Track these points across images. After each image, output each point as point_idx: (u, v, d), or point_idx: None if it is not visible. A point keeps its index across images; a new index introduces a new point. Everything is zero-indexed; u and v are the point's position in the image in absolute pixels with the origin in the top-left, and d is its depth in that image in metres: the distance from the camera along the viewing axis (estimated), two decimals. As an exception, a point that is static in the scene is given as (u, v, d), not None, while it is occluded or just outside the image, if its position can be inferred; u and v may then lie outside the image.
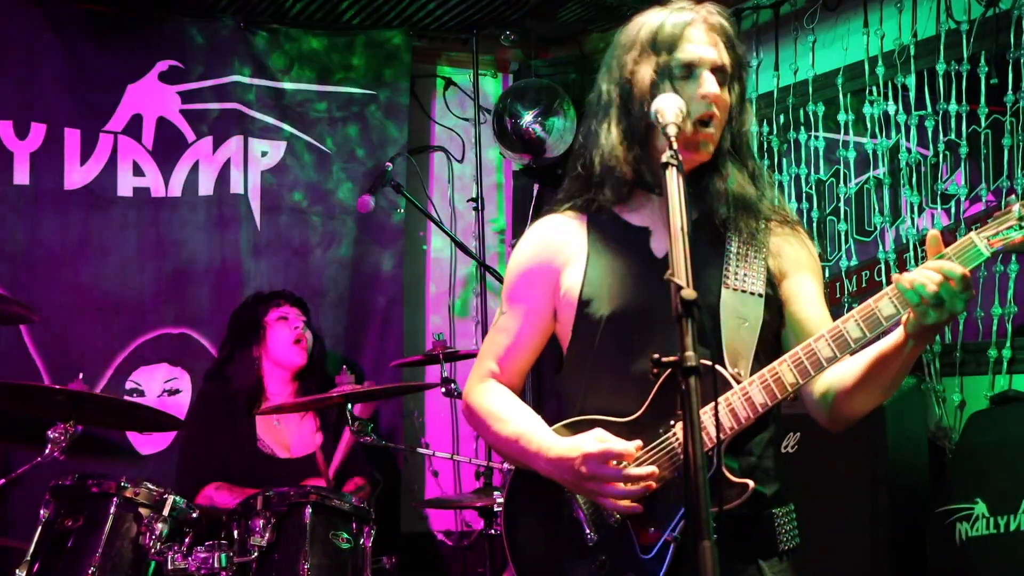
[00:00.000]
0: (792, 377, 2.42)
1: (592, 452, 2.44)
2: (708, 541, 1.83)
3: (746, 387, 2.45)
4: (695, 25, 2.62)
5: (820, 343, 2.40)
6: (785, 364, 2.43)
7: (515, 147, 6.14)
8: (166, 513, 3.77)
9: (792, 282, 2.66)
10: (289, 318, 5.02)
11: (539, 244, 2.77)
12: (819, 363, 2.40)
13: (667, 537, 2.43)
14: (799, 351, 2.43)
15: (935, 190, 4.51)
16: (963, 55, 4.39)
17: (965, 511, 3.79)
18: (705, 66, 2.57)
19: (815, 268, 2.72)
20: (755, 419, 2.45)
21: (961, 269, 2.27)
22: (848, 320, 2.39)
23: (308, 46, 5.92)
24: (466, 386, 2.80)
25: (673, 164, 2.28)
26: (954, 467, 3.96)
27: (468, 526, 6.17)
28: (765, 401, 2.43)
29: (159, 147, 5.64)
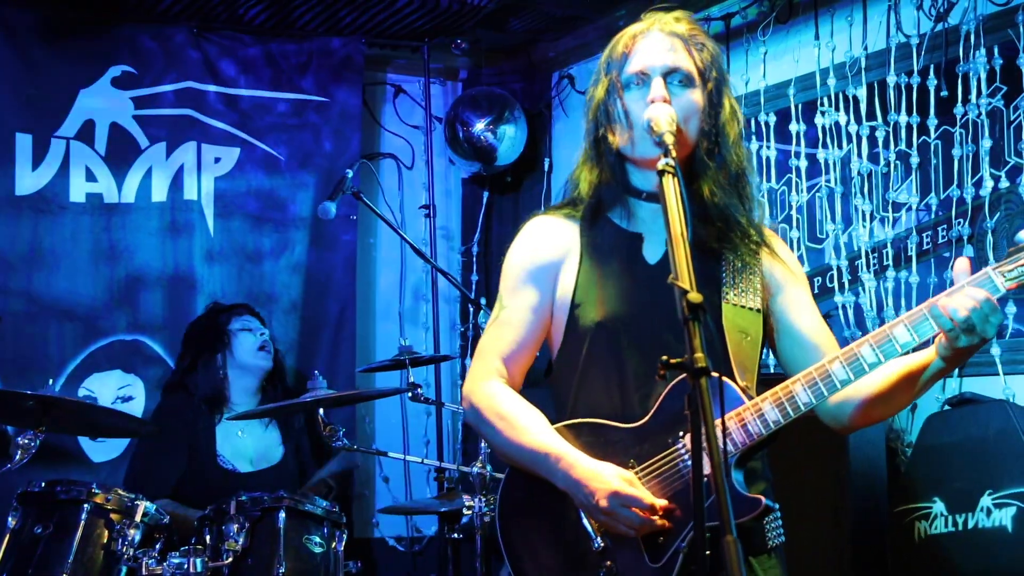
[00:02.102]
0: (807, 397, 2.45)
1: (621, 493, 2.44)
2: (732, 536, 1.88)
3: (759, 403, 2.47)
4: (646, 34, 2.66)
5: (835, 365, 2.44)
6: (799, 384, 2.46)
7: (466, 154, 6.20)
8: (138, 519, 3.77)
9: (787, 294, 2.71)
10: (253, 327, 5.02)
11: (541, 240, 2.78)
12: (834, 385, 2.44)
13: (676, 547, 2.45)
14: (813, 372, 2.46)
15: (886, 199, 4.63)
16: (913, 68, 4.51)
17: (924, 510, 3.90)
18: (656, 72, 2.60)
19: (803, 277, 2.78)
20: (766, 436, 2.48)
21: (989, 295, 2.32)
22: (863, 344, 2.42)
23: (261, 53, 5.92)
24: (467, 385, 2.74)
25: (670, 171, 2.35)
26: (912, 467, 4.08)
27: (419, 532, 6.20)
28: (778, 419, 2.46)
29: (112, 153, 5.59)
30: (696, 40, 2.67)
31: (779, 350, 2.73)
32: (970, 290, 2.34)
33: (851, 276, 4.70)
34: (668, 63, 2.62)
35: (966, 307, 2.32)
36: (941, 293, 2.38)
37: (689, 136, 2.61)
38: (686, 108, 2.60)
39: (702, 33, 2.70)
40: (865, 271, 4.64)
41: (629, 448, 2.54)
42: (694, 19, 2.74)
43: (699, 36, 2.69)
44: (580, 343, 2.67)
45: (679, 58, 2.63)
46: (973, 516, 3.77)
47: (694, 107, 2.62)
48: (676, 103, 2.58)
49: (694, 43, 2.66)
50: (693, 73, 2.63)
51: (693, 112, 2.62)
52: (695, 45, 2.66)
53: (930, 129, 4.49)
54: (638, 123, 2.60)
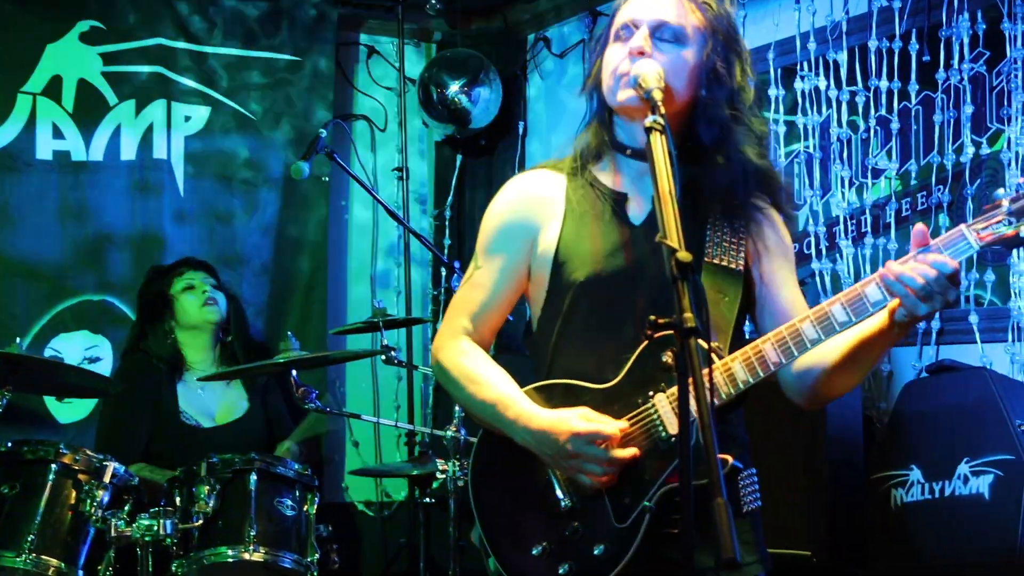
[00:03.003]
0: (776, 356, 2.42)
1: (580, 432, 2.43)
2: (722, 499, 1.85)
3: (728, 363, 2.45)
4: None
5: (805, 324, 2.40)
6: (768, 343, 2.43)
7: (440, 117, 6.13)
8: (107, 480, 3.72)
9: (769, 262, 2.66)
10: (195, 284, 4.95)
11: (519, 199, 2.73)
12: (803, 344, 2.40)
13: (642, 507, 2.43)
14: (783, 331, 2.42)
15: (865, 165, 4.60)
16: (895, 32, 4.47)
17: (900, 477, 3.89)
18: (642, 24, 2.53)
19: (790, 251, 2.72)
20: (735, 396, 2.46)
21: (951, 262, 2.28)
22: (835, 303, 2.38)
23: (233, 11, 5.82)
24: (435, 342, 2.74)
25: (657, 129, 2.30)
26: (889, 434, 4.06)
27: (388, 496, 6.16)
28: (747, 379, 2.43)
29: (80, 110, 5.50)
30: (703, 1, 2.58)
31: (757, 317, 2.70)
32: (929, 256, 2.29)
33: (828, 243, 4.67)
34: (658, 17, 2.54)
35: (922, 275, 2.28)
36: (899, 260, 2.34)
37: (675, 95, 2.52)
38: (672, 65, 2.51)
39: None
40: (843, 238, 4.61)
41: (600, 409, 2.50)
42: None
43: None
44: (561, 303, 2.63)
45: (673, 13, 2.54)
46: (950, 484, 3.75)
47: (683, 65, 2.53)
48: (661, 58, 2.51)
49: (700, 1, 2.57)
50: (687, 30, 2.54)
51: (680, 71, 2.53)
52: (701, 4, 2.57)
53: (911, 95, 4.46)
54: (616, 72, 2.54)
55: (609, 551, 2.45)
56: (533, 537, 2.56)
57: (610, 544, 2.46)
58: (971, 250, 2.30)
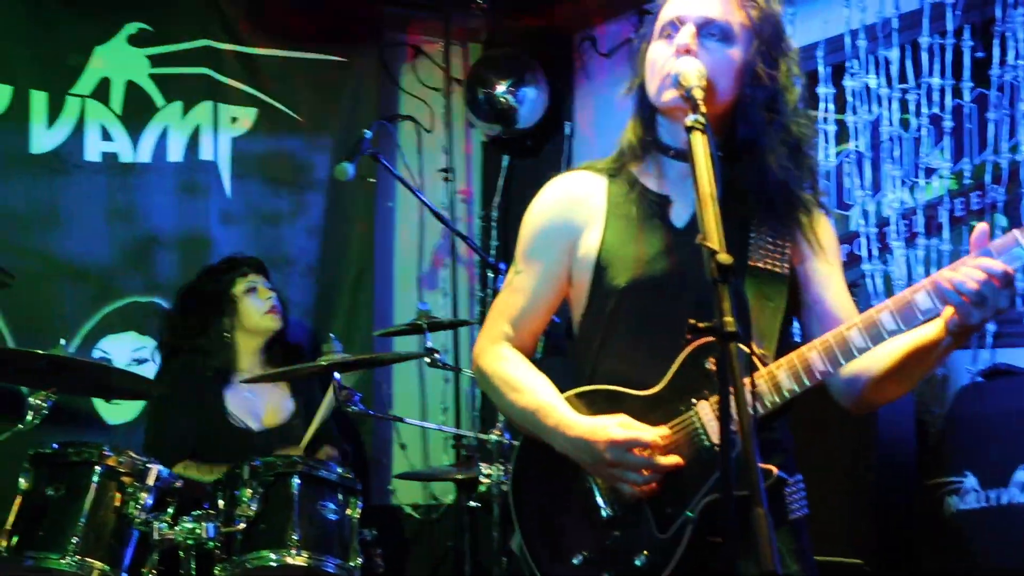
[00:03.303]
0: (822, 365, 2.36)
1: (618, 439, 2.39)
2: (762, 509, 1.80)
3: (773, 371, 2.40)
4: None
5: (852, 332, 2.35)
6: (815, 351, 2.37)
7: (486, 117, 6.09)
8: (150, 482, 3.70)
9: (815, 264, 2.60)
10: (258, 288, 4.93)
11: (560, 201, 2.69)
12: (850, 352, 2.35)
13: (685, 517, 2.39)
14: (830, 338, 2.37)
15: (917, 164, 4.51)
16: (947, 28, 4.39)
17: (955, 484, 3.81)
18: (689, 21, 2.48)
19: (837, 252, 2.67)
20: (780, 404, 2.40)
21: (1003, 266, 2.22)
22: (883, 311, 2.33)
23: (280, 12, 5.81)
24: (476, 347, 2.72)
25: (698, 128, 2.25)
26: (944, 440, 3.98)
27: (436, 499, 6.13)
28: (793, 387, 2.38)
29: (128, 111, 5.51)
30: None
31: (802, 320, 2.64)
32: (980, 261, 2.24)
33: (880, 244, 4.59)
34: (705, 14, 2.49)
35: (974, 279, 2.23)
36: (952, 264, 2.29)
37: (718, 93, 2.47)
38: (718, 64, 2.47)
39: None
40: (895, 239, 4.53)
41: (641, 416, 2.46)
42: None
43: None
44: (603, 307, 2.59)
45: (720, 10, 2.49)
46: (1007, 492, 3.67)
47: (728, 64, 2.48)
48: (707, 57, 2.45)
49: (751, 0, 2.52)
50: (733, 28, 2.49)
51: (726, 70, 2.48)
52: (746, 1, 2.51)
53: (964, 92, 4.38)
54: (662, 71, 2.49)
55: (651, 561, 2.41)
56: (574, 546, 2.52)
57: (652, 554, 2.41)
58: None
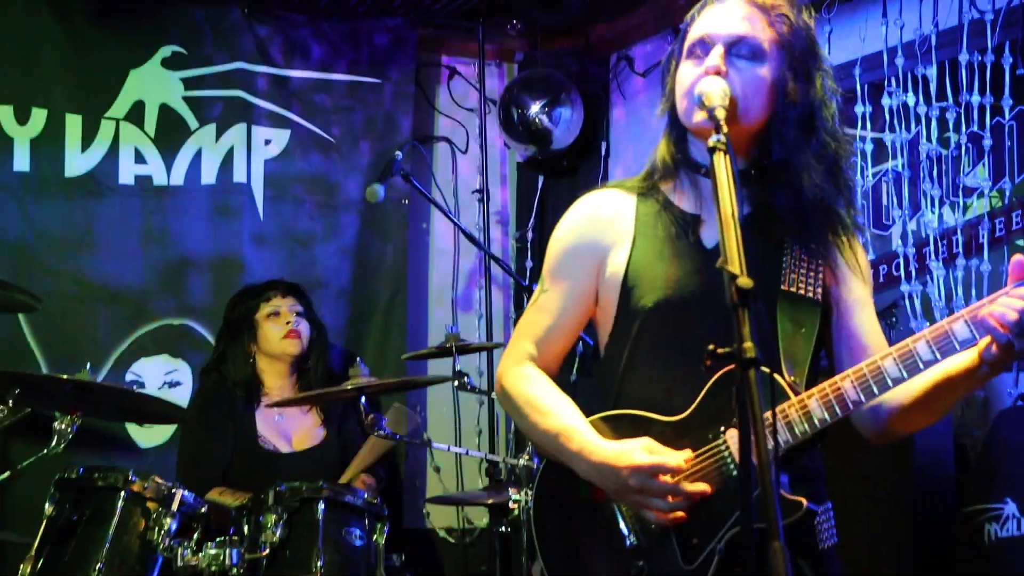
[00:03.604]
0: (855, 395, 2.30)
1: (642, 465, 2.33)
2: (779, 543, 1.74)
3: (805, 400, 2.33)
4: (718, 3, 2.49)
5: (887, 362, 2.28)
6: (848, 380, 2.31)
7: (521, 138, 6.05)
8: (175, 508, 3.68)
9: (848, 289, 2.54)
10: (281, 312, 4.90)
11: (586, 219, 2.64)
12: (885, 383, 2.28)
13: (712, 548, 2.33)
14: (864, 368, 2.30)
15: (956, 183, 4.43)
16: (987, 45, 4.31)
17: (994, 511, 3.71)
18: (719, 40, 2.43)
19: (869, 278, 2.61)
20: (811, 435, 2.33)
21: None
22: (919, 340, 2.26)
23: (312, 33, 5.82)
24: (500, 367, 2.66)
25: (721, 149, 2.19)
26: (983, 465, 3.88)
27: (471, 523, 6.07)
28: (825, 417, 2.31)
29: (161, 134, 5.52)
30: (778, 12, 2.46)
31: (831, 346, 2.57)
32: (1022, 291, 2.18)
33: (918, 264, 4.50)
34: (735, 32, 2.43)
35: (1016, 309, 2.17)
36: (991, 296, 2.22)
37: (750, 113, 2.42)
38: (748, 83, 2.41)
39: (787, 3, 2.49)
40: (933, 259, 4.44)
41: (669, 443, 2.40)
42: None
43: (782, 7, 2.48)
44: (629, 328, 2.53)
45: (749, 27, 2.43)
46: (1048, 519, 3.58)
47: (759, 83, 2.42)
48: (737, 76, 2.41)
49: (775, 14, 2.46)
50: (763, 46, 2.43)
51: (757, 89, 2.42)
52: (776, 16, 2.46)
53: (1004, 110, 4.29)
54: (690, 92, 2.43)
55: (676, 593, 2.35)
56: (596, 574, 2.47)
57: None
58: None
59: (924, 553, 3.82)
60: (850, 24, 4.88)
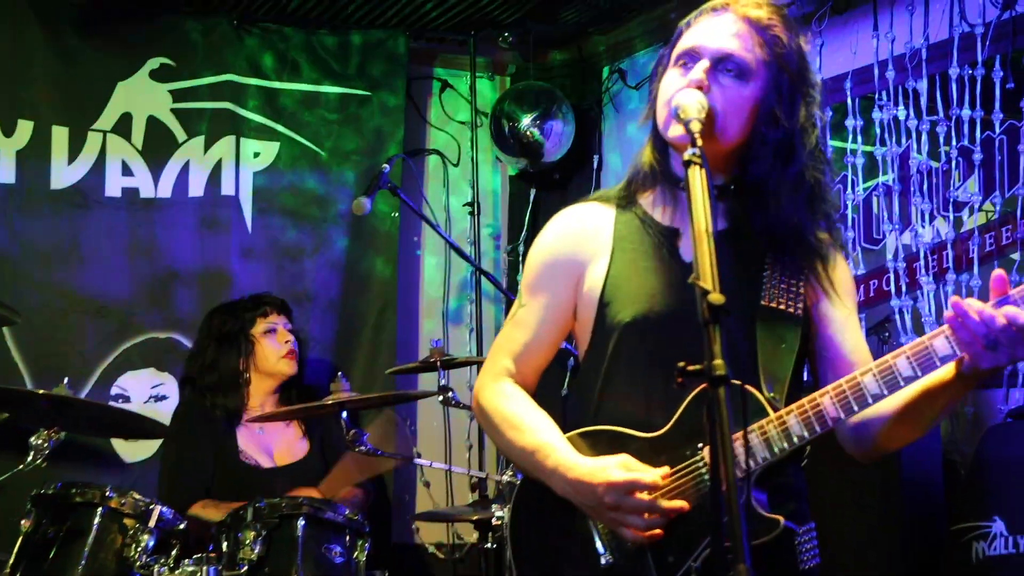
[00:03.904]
0: (835, 412, 2.25)
1: (617, 482, 2.28)
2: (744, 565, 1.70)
3: (783, 417, 2.28)
4: (713, 14, 2.43)
5: (867, 378, 2.24)
6: (827, 397, 2.26)
7: (512, 151, 6.02)
8: (152, 524, 3.61)
9: (830, 306, 2.49)
10: (278, 329, 4.85)
11: (565, 234, 2.60)
12: (864, 399, 2.24)
13: (688, 567, 2.28)
14: (844, 384, 2.26)
15: (947, 197, 4.39)
16: (977, 59, 4.27)
17: (982, 529, 3.66)
18: (705, 54, 2.37)
19: (853, 293, 2.56)
20: (789, 451, 2.28)
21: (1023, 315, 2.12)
22: (900, 356, 2.22)
23: (303, 46, 5.79)
24: (478, 382, 2.62)
25: (696, 162, 2.15)
26: (971, 482, 3.83)
27: (460, 539, 6.02)
28: (803, 434, 2.27)
29: (149, 146, 5.49)
30: (771, 32, 2.39)
31: (814, 364, 2.53)
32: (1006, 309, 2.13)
33: (909, 279, 4.46)
34: (723, 48, 2.37)
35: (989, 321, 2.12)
36: None
37: (728, 131, 2.37)
38: (730, 101, 2.36)
39: (783, 25, 2.41)
40: (924, 274, 4.40)
41: (646, 459, 2.35)
42: (782, 9, 2.45)
43: (777, 28, 2.40)
44: (606, 343, 2.49)
45: (739, 45, 2.37)
46: (1036, 537, 3.53)
47: (741, 102, 2.37)
48: (720, 93, 2.35)
49: (768, 33, 2.38)
50: (751, 65, 2.37)
51: (739, 107, 2.37)
52: (768, 36, 2.38)
53: (995, 124, 4.25)
54: (669, 102, 2.38)
55: (650, 612, 2.30)
56: (574, 594, 2.42)
57: (652, 605, 2.30)
58: None
59: (912, 572, 3.78)
60: (841, 37, 4.85)
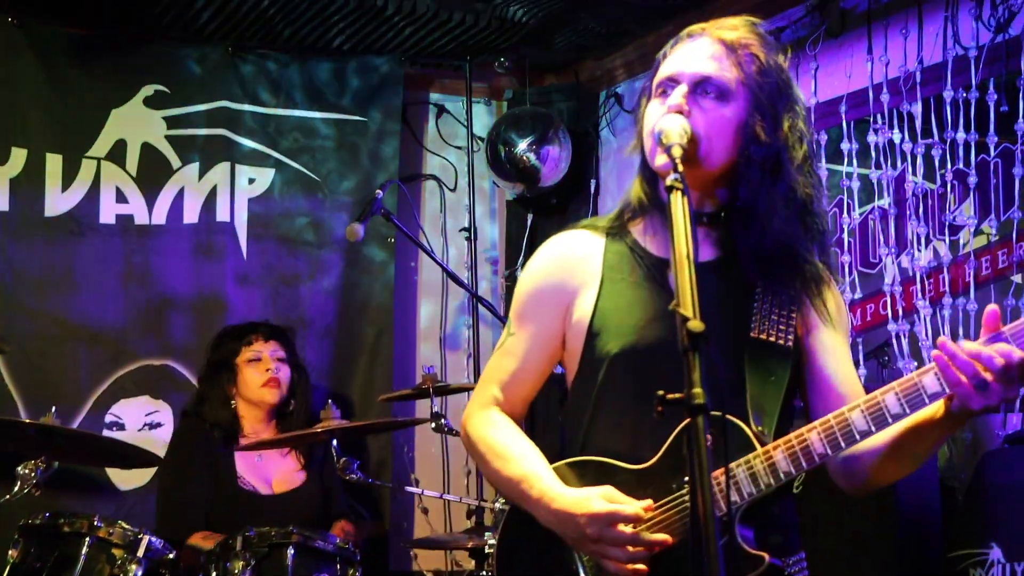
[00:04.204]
0: (822, 448, 2.22)
1: (599, 513, 2.25)
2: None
3: (770, 452, 2.25)
4: (689, 40, 2.42)
5: (855, 414, 2.21)
6: (815, 432, 2.23)
7: (509, 176, 6.00)
8: (140, 554, 3.60)
9: (825, 336, 2.46)
10: (262, 358, 4.83)
11: (554, 262, 2.57)
12: (852, 436, 2.21)
13: None
14: (831, 420, 2.23)
15: (942, 221, 4.36)
16: (971, 82, 4.25)
17: (979, 556, 3.62)
18: (685, 79, 2.36)
19: (845, 323, 2.53)
20: (775, 487, 2.25)
21: (1019, 354, 2.08)
22: (888, 393, 2.19)
23: (297, 72, 5.78)
24: (466, 411, 2.59)
25: (677, 187, 2.12)
26: (967, 509, 3.79)
27: (459, 566, 5.98)
28: (790, 470, 2.23)
29: (143, 173, 5.48)
30: (747, 50, 2.38)
31: (805, 396, 2.50)
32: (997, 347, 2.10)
33: (905, 303, 4.43)
34: (701, 71, 2.36)
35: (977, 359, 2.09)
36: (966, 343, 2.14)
37: (714, 154, 2.34)
38: (713, 124, 2.34)
39: (759, 43, 2.40)
40: (920, 298, 4.37)
41: (632, 491, 2.32)
42: (758, 28, 2.44)
43: (753, 46, 2.39)
44: (594, 374, 2.45)
45: (715, 67, 2.36)
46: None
47: (724, 124, 2.34)
48: (702, 116, 2.33)
49: (745, 52, 2.38)
50: (730, 85, 2.35)
51: (722, 129, 2.34)
52: (745, 55, 2.37)
53: (989, 147, 4.23)
54: (653, 131, 2.36)
55: (634, 649, 2.26)
56: (556, 628, 2.38)
57: (636, 642, 2.26)
58: None
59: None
60: (836, 61, 4.84)
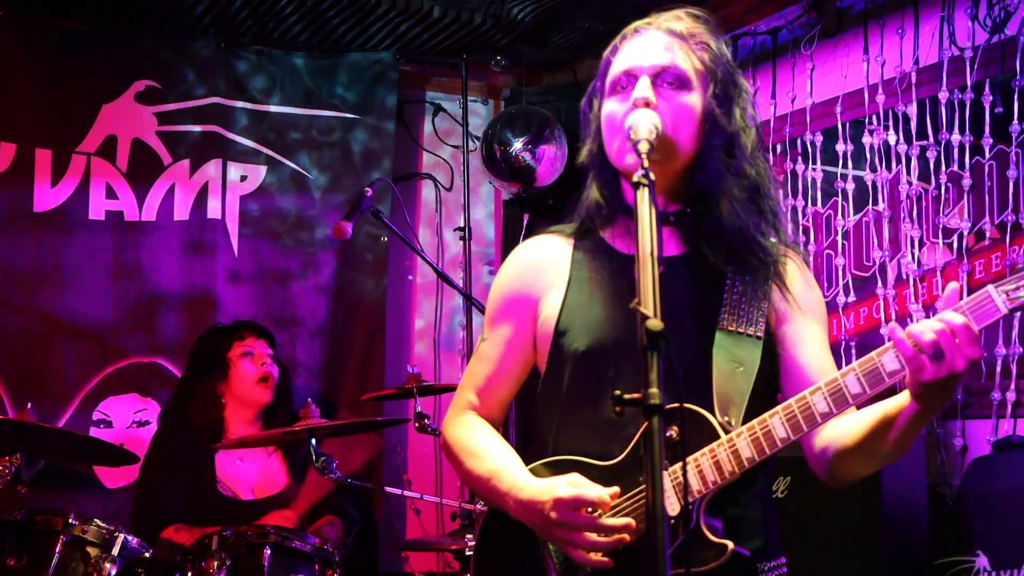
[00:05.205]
0: (783, 432, 2.20)
1: (563, 498, 2.24)
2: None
3: (734, 439, 2.23)
4: (641, 32, 2.42)
5: (816, 396, 2.19)
6: (777, 417, 2.21)
7: (504, 175, 5.94)
8: (115, 552, 3.57)
9: (795, 324, 2.43)
10: (254, 353, 4.77)
11: (521, 267, 2.59)
12: (813, 418, 2.19)
13: None
14: (793, 404, 2.21)
15: (937, 224, 4.30)
16: (967, 83, 4.19)
17: (965, 564, 3.56)
18: (643, 72, 2.35)
19: (820, 311, 2.50)
20: (740, 474, 2.23)
21: (962, 319, 2.05)
22: (848, 374, 2.17)
23: (291, 68, 5.74)
24: (445, 417, 2.64)
25: (644, 184, 2.09)
26: (955, 516, 3.73)
27: (449, 568, 5.94)
28: (753, 456, 2.21)
29: (134, 169, 5.44)
30: (697, 39, 2.40)
31: (781, 384, 2.46)
32: (942, 314, 2.07)
33: (898, 307, 4.37)
34: (658, 62, 2.36)
35: (933, 329, 2.05)
36: None
37: (681, 145, 2.35)
38: (677, 114, 2.34)
39: (707, 32, 2.43)
40: (913, 301, 4.31)
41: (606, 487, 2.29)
42: (702, 16, 2.46)
43: (702, 35, 2.42)
44: (562, 373, 2.45)
45: (671, 57, 2.36)
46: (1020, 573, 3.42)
47: (687, 112, 2.35)
48: (665, 107, 2.33)
49: (694, 42, 2.39)
50: (689, 75, 2.36)
51: (686, 119, 2.35)
52: (696, 44, 2.39)
53: (984, 149, 4.16)
54: (622, 129, 2.33)
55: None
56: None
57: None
58: (999, 313, 2.07)
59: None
60: (832, 61, 4.79)
